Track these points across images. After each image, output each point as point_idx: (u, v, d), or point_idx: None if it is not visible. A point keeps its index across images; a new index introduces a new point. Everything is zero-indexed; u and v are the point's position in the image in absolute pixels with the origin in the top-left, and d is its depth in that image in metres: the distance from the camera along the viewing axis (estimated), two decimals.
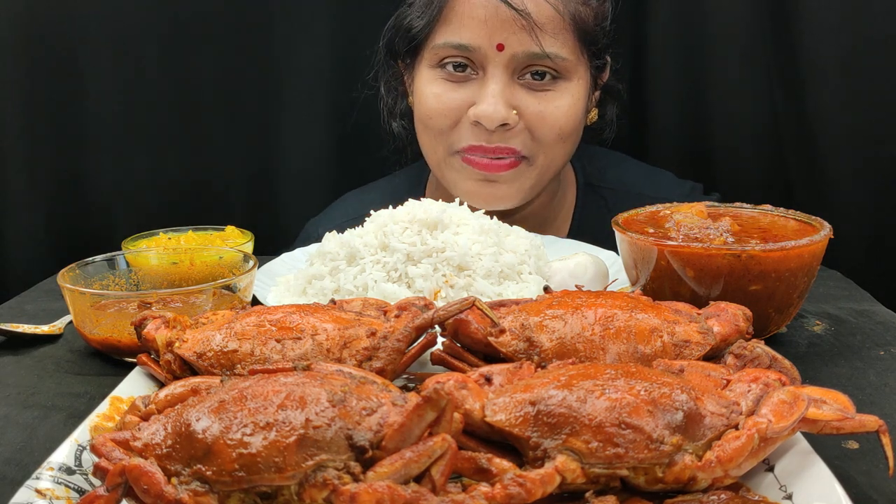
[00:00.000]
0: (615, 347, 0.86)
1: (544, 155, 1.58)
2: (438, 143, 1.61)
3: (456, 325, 0.91)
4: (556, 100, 1.55)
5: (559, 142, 1.57)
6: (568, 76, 1.56)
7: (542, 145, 1.57)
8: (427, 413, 0.66)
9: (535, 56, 1.51)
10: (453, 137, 1.58)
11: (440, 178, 1.66)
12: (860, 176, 1.86)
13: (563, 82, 1.56)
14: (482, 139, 1.54)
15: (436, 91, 1.57)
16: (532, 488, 0.65)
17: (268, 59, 2.03)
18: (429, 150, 1.65)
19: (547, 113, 1.54)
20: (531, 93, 1.54)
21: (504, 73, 1.52)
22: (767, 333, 1.12)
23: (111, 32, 1.98)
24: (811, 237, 1.07)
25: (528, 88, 1.54)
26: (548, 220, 1.78)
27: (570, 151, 1.63)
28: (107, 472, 0.65)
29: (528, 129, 1.55)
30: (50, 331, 1.22)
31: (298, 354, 0.87)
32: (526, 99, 1.54)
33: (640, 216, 1.24)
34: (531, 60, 1.52)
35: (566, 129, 1.57)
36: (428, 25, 1.56)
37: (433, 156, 1.64)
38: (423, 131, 1.64)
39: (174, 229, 1.52)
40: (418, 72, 1.63)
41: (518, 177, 1.58)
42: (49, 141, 2.03)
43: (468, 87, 1.55)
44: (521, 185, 1.59)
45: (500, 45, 1.50)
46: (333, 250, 1.31)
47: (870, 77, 1.82)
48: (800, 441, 0.74)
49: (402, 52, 1.65)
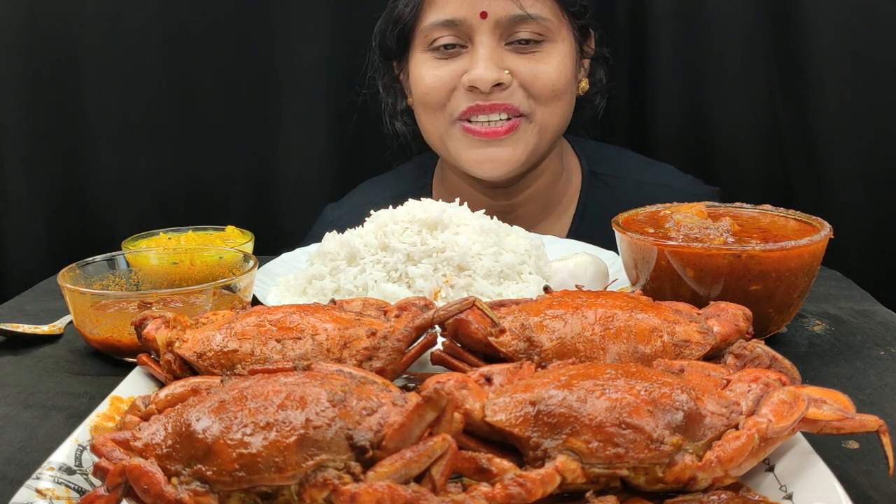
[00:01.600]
0: (615, 347, 0.86)
1: (541, 112, 1.63)
2: (437, 118, 1.65)
3: (456, 325, 0.91)
4: (544, 59, 1.61)
5: (554, 99, 1.63)
6: (552, 38, 1.62)
7: (539, 102, 1.62)
8: (427, 413, 0.66)
9: (518, 18, 1.57)
10: (451, 106, 1.63)
11: (444, 155, 1.70)
12: (860, 176, 1.86)
13: (548, 44, 1.62)
14: (479, 100, 1.59)
15: (430, 71, 1.63)
16: (532, 488, 0.65)
17: (268, 59, 2.03)
18: (429, 129, 1.69)
19: (539, 71, 1.60)
20: (520, 56, 1.60)
21: (491, 39, 1.58)
22: (767, 333, 1.12)
23: (111, 33, 1.98)
24: (811, 237, 1.07)
25: (516, 52, 1.60)
26: (553, 201, 1.80)
27: (564, 114, 1.68)
28: (107, 472, 0.65)
29: (522, 87, 1.61)
30: (50, 331, 1.22)
31: (298, 354, 0.87)
32: (516, 61, 1.60)
33: (640, 216, 1.24)
34: (515, 24, 1.58)
35: (559, 85, 1.62)
36: (414, 9, 1.62)
37: (434, 132, 1.68)
38: (422, 112, 1.68)
39: (174, 229, 1.52)
40: (412, 60, 1.68)
41: (520, 136, 1.62)
42: (49, 141, 2.03)
43: (459, 60, 1.62)
44: (525, 145, 1.63)
45: (484, 12, 1.57)
46: (333, 250, 1.31)
47: (870, 77, 1.82)
48: (800, 441, 0.74)
49: (394, 47, 1.70)
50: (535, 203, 1.77)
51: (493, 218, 1.38)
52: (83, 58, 1.99)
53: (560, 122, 1.67)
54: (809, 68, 1.84)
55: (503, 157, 1.62)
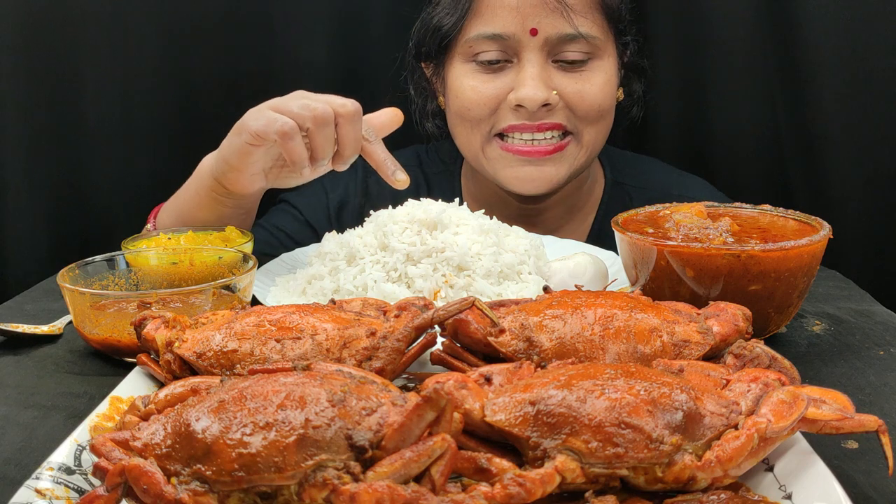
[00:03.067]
0: (615, 347, 0.86)
1: (587, 131, 1.62)
2: (475, 133, 1.63)
3: (456, 325, 0.91)
4: (591, 78, 1.59)
5: (600, 119, 1.62)
6: (599, 55, 1.60)
7: (584, 122, 1.61)
8: (427, 413, 0.67)
9: (568, 37, 1.55)
10: (492, 121, 1.61)
11: (478, 167, 1.69)
12: (860, 176, 1.86)
13: (595, 61, 1.60)
14: (524, 119, 1.58)
15: (472, 83, 1.61)
16: (532, 488, 0.65)
17: (268, 59, 2.03)
18: (464, 142, 1.67)
19: (585, 91, 1.58)
20: (567, 74, 1.58)
21: (539, 56, 1.56)
22: (767, 333, 1.12)
23: (111, 33, 1.98)
24: (811, 237, 1.07)
25: (563, 70, 1.58)
26: (576, 207, 1.80)
27: (607, 130, 1.67)
28: (106, 472, 0.65)
29: (568, 107, 1.59)
30: (50, 331, 1.22)
31: (298, 354, 0.87)
32: (563, 80, 1.58)
33: (640, 216, 1.24)
34: (564, 42, 1.56)
35: (604, 105, 1.61)
36: (460, 20, 1.59)
37: (470, 147, 1.67)
38: (458, 123, 1.66)
39: (174, 229, 1.52)
40: (451, 68, 1.65)
41: (566, 156, 1.62)
42: (49, 141, 2.03)
43: (504, 75, 1.59)
44: (569, 165, 1.63)
45: (534, 29, 1.54)
46: (333, 250, 1.31)
47: (870, 77, 1.81)
48: (800, 441, 0.74)
49: (432, 52, 1.67)
50: (560, 207, 1.77)
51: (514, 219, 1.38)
52: (83, 58, 1.98)
53: (603, 140, 1.67)
54: (809, 69, 1.84)
55: (546, 176, 1.61)
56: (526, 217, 1.75)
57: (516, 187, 1.62)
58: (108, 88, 2.01)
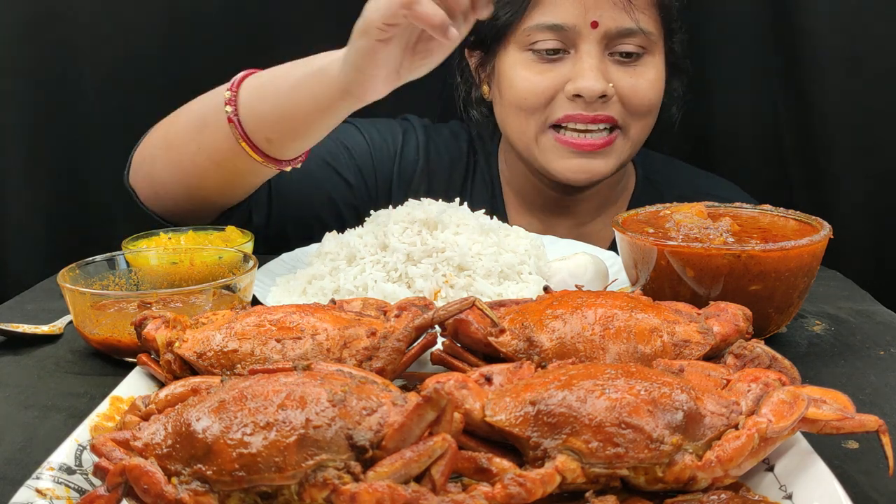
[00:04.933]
0: (615, 347, 0.86)
1: (634, 126, 1.63)
2: (530, 122, 1.63)
3: (456, 325, 0.91)
4: (645, 73, 1.60)
5: (648, 114, 1.63)
6: (652, 50, 1.61)
7: (635, 117, 1.61)
8: (427, 413, 0.66)
9: (627, 31, 1.56)
10: (547, 112, 1.61)
11: (528, 157, 1.67)
12: (860, 176, 1.86)
13: (648, 56, 1.61)
14: (580, 110, 1.58)
15: (527, 74, 1.60)
16: (532, 488, 0.65)
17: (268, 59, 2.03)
18: (516, 132, 1.67)
19: (639, 86, 1.59)
20: (622, 67, 1.59)
21: (597, 48, 1.56)
22: (767, 333, 1.12)
23: (111, 33, 1.98)
24: (811, 237, 1.07)
25: (618, 64, 1.59)
26: (609, 201, 1.81)
27: (651, 126, 1.68)
28: (107, 472, 0.65)
29: (621, 101, 1.59)
30: (50, 331, 1.22)
31: (298, 354, 0.87)
32: (618, 73, 1.59)
33: (640, 216, 1.24)
34: (622, 36, 1.56)
35: (654, 101, 1.63)
36: (521, 9, 1.59)
37: (522, 137, 1.66)
38: (512, 113, 1.65)
39: (174, 229, 1.52)
40: (504, 57, 1.65)
41: (614, 150, 1.62)
42: (49, 141, 2.03)
43: (561, 66, 1.59)
44: (617, 158, 1.63)
45: (595, 22, 1.54)
46: (333, 250, 1.31)
47: (870, 77, 1.82)
48: (800, 441, 0.74)
49: (487, 41, 1.66)
50: (594, 200, 1.77)
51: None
52: (83, 58, 1.98)
53: (646, 135, 1.68)
54: (809, 68, 1.84)
55: (596, 169, 1.62)
56: (559, 207, 1.76)
57: (567, 177, 1.62)
58: (108, 88, 2.00)
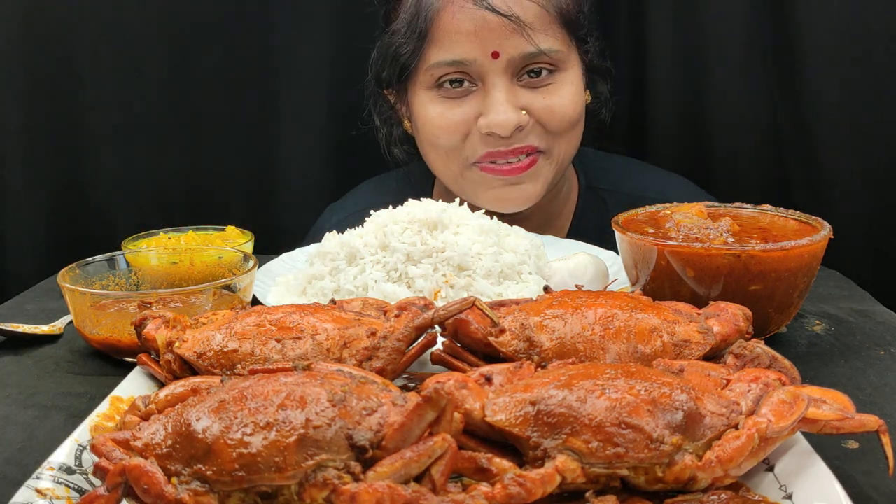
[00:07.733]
0: (615, 347, 0.86)
1: (559, 146, 1.60)
2: (451, 160, 1.60)
3: (456, 325, 0.91)
4: (558, 91, 1.56)
5: (570, 130, 1.60)
6: (564, 67, 1.57)
7: (556, 136, 1.58)
8: (427, 413, 0.67)
9: (530, 56, 1.52)
10: (467, 151, 1.58)
11: (457, 192, 1.64)
12: (860, 176, 1.86)
13: (560, 74, 1.57)
14: (499, 145, 1.55)
15: (438, 111, 1.57)
16: (532, 488, 0.65)
17: (268, 59, 2.03)
18: (441, 168, 1.64)
19: (554, 105, 1.56)
20: (534, 91, 1.55)
21: (504, 79, 1.52)
22: (767, 333, 1.12)
23: (111, 33, 1.98)
24: (811, 237, 1.07)
25: (529, 87, 1.55)
26: (551, 217, 1.78)
27: (579, 138, 1.65)
28: (107, 472, 0.65)
29: (539, 124, 1.56)
30: (50, 331, 1.22)
31: (298, 354, 0.87)
32: (530, 97, 1.55)
33: (640, 216, 1.24)
34: (527, 61, 1.53)
35: (574, 116, 1.59)
36: (418, 49, 1.54)
37: (447, 173, 1.64)
38: (431, 151, 1.63)
39: (174, 229, 1.52)
40: (414, 96, 1.61)
41: (539, 172, 1.59)
42: (49, 141, 2.03)
43: (470, 100, 1.55)
44: (544, 180, 1.61)
45: (496, 52, 1.50)
46: (333, 250, 1.31)
47: (870, 77, 1.81)
48: (800, 441, 0.74)
49: (394, 80, 1.62)
50: (537, 217, 1.73)
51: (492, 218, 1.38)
52: (83, 58, 1.98)
53: (574, 149, 1.65)
54: (808, 68, 1.84)
55: (524, 194, 1.59)
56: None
57: (497, 207, 1.58)
58: (108, 88, 2.01)
